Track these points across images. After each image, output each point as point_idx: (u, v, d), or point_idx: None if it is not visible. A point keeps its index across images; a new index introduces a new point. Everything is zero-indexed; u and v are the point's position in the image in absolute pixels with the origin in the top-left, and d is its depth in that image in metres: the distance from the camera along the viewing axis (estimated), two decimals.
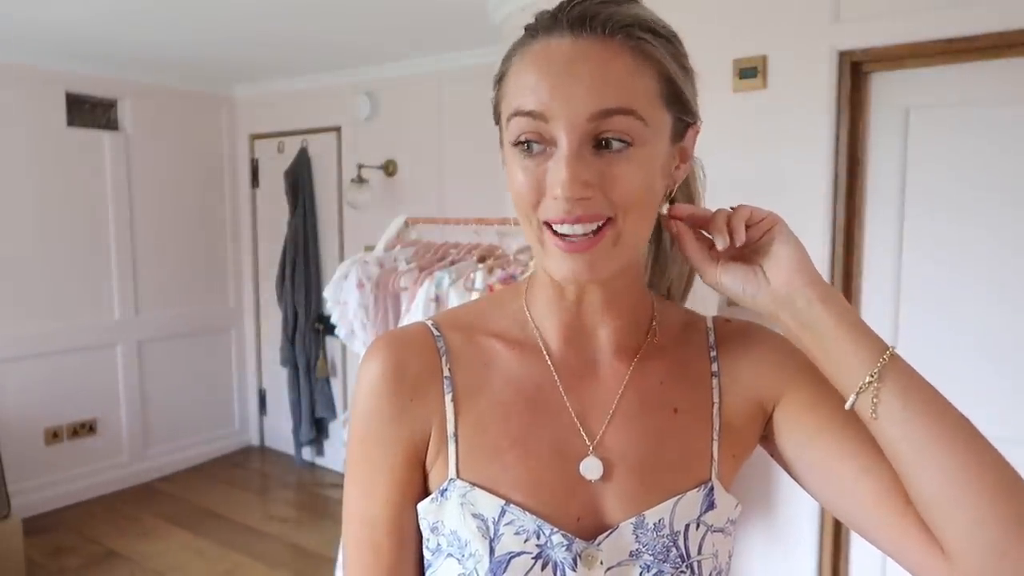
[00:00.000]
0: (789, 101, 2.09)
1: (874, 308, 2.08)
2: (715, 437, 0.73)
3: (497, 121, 0.70)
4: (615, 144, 0.62)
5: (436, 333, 0.74)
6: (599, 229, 0.63)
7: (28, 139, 3.74)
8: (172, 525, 3.76)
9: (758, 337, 0.78)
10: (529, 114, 0.63)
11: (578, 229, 0.62)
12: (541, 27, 0.65)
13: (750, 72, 2.13)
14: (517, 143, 0.64)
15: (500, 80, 0.68)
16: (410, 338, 0.74)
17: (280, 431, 4.81)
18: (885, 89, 2.03)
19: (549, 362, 0.73)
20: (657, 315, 0.77)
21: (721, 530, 0.71)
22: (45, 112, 3.80)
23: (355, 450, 0.73)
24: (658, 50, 0.65)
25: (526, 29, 0.67)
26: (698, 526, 0.69)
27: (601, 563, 0.66)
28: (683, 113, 0.69)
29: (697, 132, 0.72)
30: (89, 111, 4.02)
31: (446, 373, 0.72)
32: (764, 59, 2.11)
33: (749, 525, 2.22)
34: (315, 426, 4.48)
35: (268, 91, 4.50)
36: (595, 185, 0.62)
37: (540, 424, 0.70)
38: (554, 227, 0.63)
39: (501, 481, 0.68)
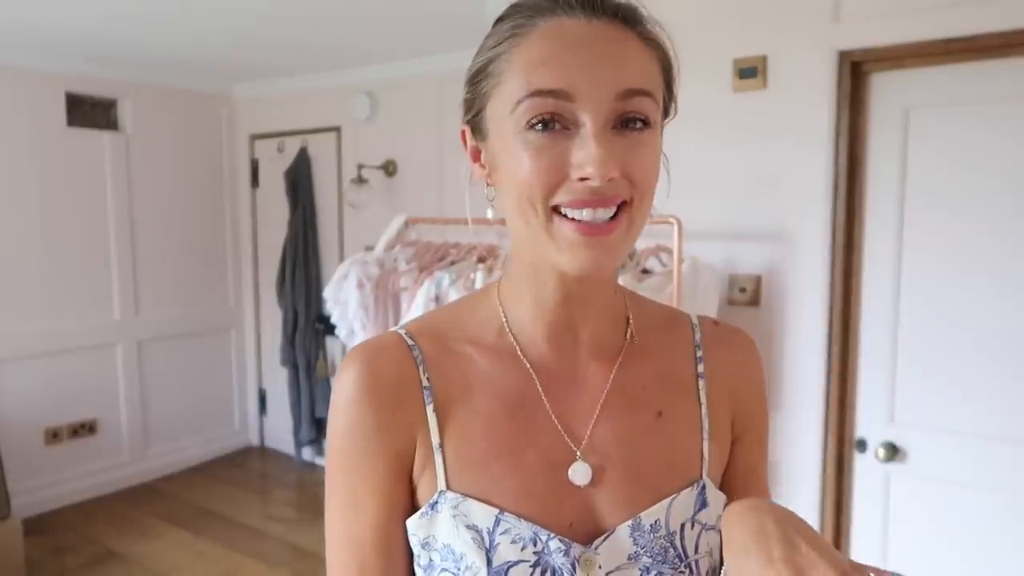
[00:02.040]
0: (789, 101, 2.09)
1: (874, 307, 2.08)
2: (705, 437, 0.73)
3: (477, 114, 0.67)
4: (638, 124, 0.61)
5: (410, 342, 0.71)
6: (616, 214, 0.62)
7: (28, 139, 3.74)
8: (172, 525, 3.76)
9: (740, 346, 0.79)
10: (552, 93, 0.60)
11: (599, 214, 0.61)
12: (539, 9, 0.63)
13: (750, 72, 2.13)
14: (531, 124, 0.60)
15: (485, 67, 0.65)
16: (385, 348, 0.71)
17: (280, 431, 4.81)
18: (885, 89, 2.03)
19: (528, 367, 0.71)
20: (632, 312, 0.76)
21: (714, 528, 0.71)
22: (45, 112, 3.80)
23: (335, 466, 0.69)
24: (660, 37, 0.66)
25: (513, 16, 0.64)
26: (693, 525, 0.69)
27: (600, 567, 0.65)
28: (670, 102, 0.69)
29: (665, 126, 0.71)
30: (89, 111, 4.02)
31: (425, 383, 0.70)
32: (764, 59, 2.11)
33: None
34: (315, 426, 4.48)
35: (268, 91, 4.50)
36: (619, 166, 0.60)
37: (525, 432, 0.69)
38: (569, 213, 0.61)
39: (492, 491, 0.66)
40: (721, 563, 0.73)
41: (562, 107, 0.60)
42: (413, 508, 0.69)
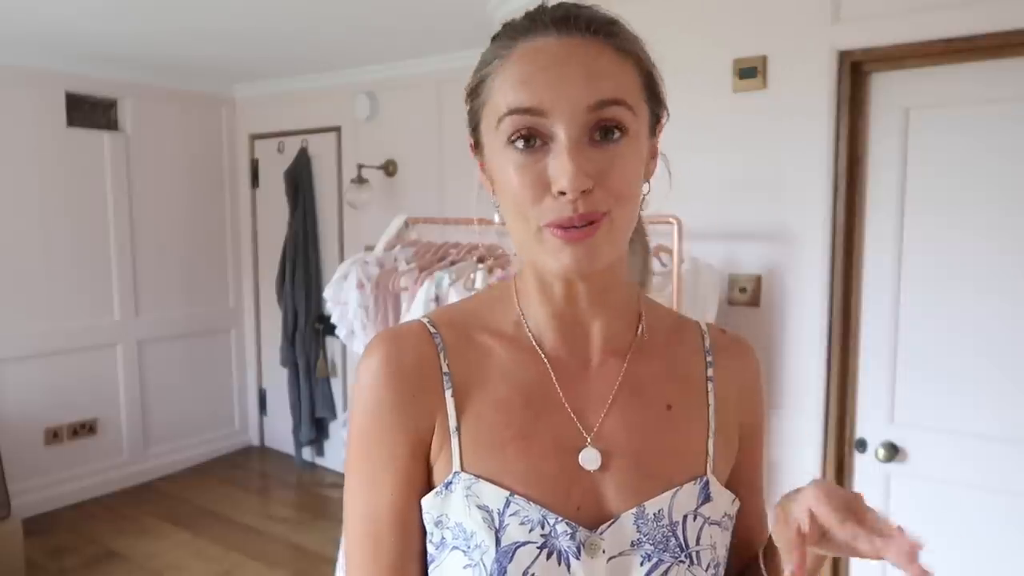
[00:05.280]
0: (789, 101, 2.09)
1: (874, 308, 2.08)
2: (711, 435, 0.76)
3: (475, 129, 0.71)
4: (613, 134, 0.64)
5: (432, 330, 0.75)
6: (594, 221, 0.65)
7: (28, 139, 3.74)
8: (172, 525, 3.76)
9: (749, 357, 0.83)
10: (527, 111, 0.64)
11: (576, 223, 0.64)
12: (519, 31, 0.67)
13: (750, 72, 2.13)
14: (511, 140, 0.65)
15: (477, 87, 0.69)
16: (408, 334, 0.75)
17: (280, 431, 4.81)
18: (885, 89, 2.03)
19: (544, 358, 0.74)
20: (644, 313, 0.79)
21: (718, 523, 0.73)
22: (45, 112, 3.80)
23: (357, 445, 0.73)
24: (636, 46, 0.68)
25: (499, 36, 0.69)
26: (695, 517, 0.71)
27: (603, 552, 0.68)
28: (657, 107, 0.71)
29: (662, 128, 0.74)
30: (89, 111, 4.02)
31: (445, 369, 0.73)
32: (764, 59, 2.11)
33: None
34: (315, 426, 4.48)
35: (268, 91, 4.50)
36: (594, 176, 0.63)
37: (538, 418, 0.72)
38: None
39: (504, 473, 0.69)
40: (727, 560, 0.76)
41: (537, 123, 0.64)
42: (429, 488, 0.72)
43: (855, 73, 2.02)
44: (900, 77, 2.00)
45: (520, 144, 0.64)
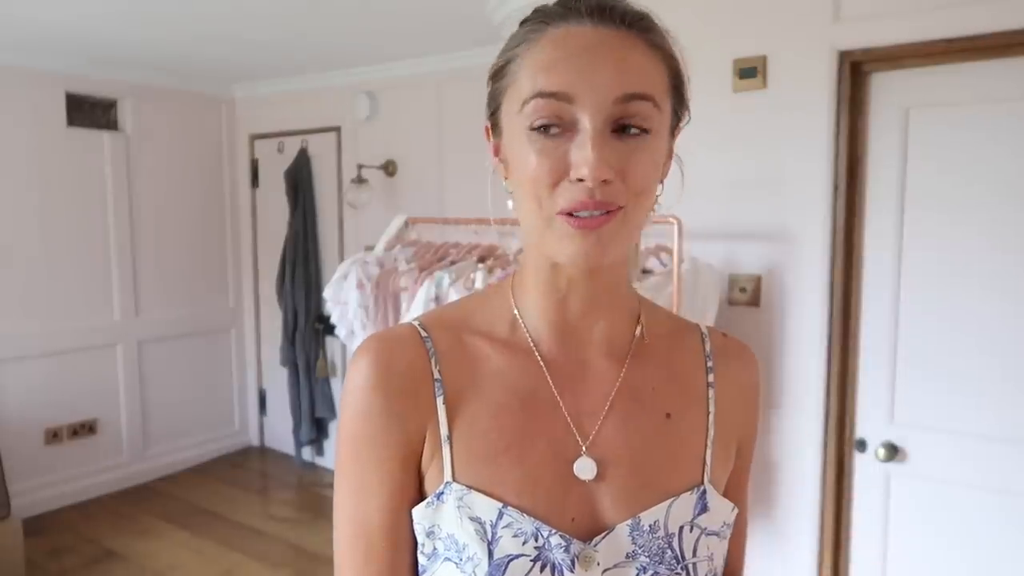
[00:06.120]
0: (789, 101, 2.09)
1: (874, 308, 2.08)
2: (709, 444, 0.74)
3: (494, 112, 0.70)
4: (634, 130, 0.63)
5: (424, 334, 0.73)
6: (609, 212, 0.63)
7: (28, 139, 3.74)
8: (172, 525, 3.76)
9: (751, 364, 0.81)
10: (553, 95, 0.62)
11: (591, 208, 0.62)
12: (553, 16, 0.66)
13: (750, 72, 2.13)
14: (535, 127, 0.63)
15: (502, 69, 0.68)
16: (399, 338, 0.72)
17: (280, 431, 4.81)
18: (885, 89, 2.03)
19: (540, 362, 0.72)
20: (644, 316, 0.77)
21: (716, 533, 0.72)
22: (45, 112, 3.80)
23: (346, 451, 0.71)
24: (668, 44, 0.67)
25: (530, 20, 0.67)
26: (692, 528, 0.70)
27: (598, 564, 0.66)
28: (680, 107, 0.70)
29: (680, 131, 0.72)
30: (89, 111, 4.02)
31: (436, 375, 0.70)
32: (764, 59, 2.11)
33: (748, 525, 2.21)
34: (315, 426, 4.48)
35: (268, 91, 4.50)
36: (615, 169, 0.62)
37: (534, 425, 0.70)
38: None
39: (497, 483, 0.67)
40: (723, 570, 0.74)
41: (563, 109, 0.62)
42: (420, 497, 0.70)
43: (855, 73, 2.02)
44: (900, 77, 2.00)
45: (543, 129, 0.63)
